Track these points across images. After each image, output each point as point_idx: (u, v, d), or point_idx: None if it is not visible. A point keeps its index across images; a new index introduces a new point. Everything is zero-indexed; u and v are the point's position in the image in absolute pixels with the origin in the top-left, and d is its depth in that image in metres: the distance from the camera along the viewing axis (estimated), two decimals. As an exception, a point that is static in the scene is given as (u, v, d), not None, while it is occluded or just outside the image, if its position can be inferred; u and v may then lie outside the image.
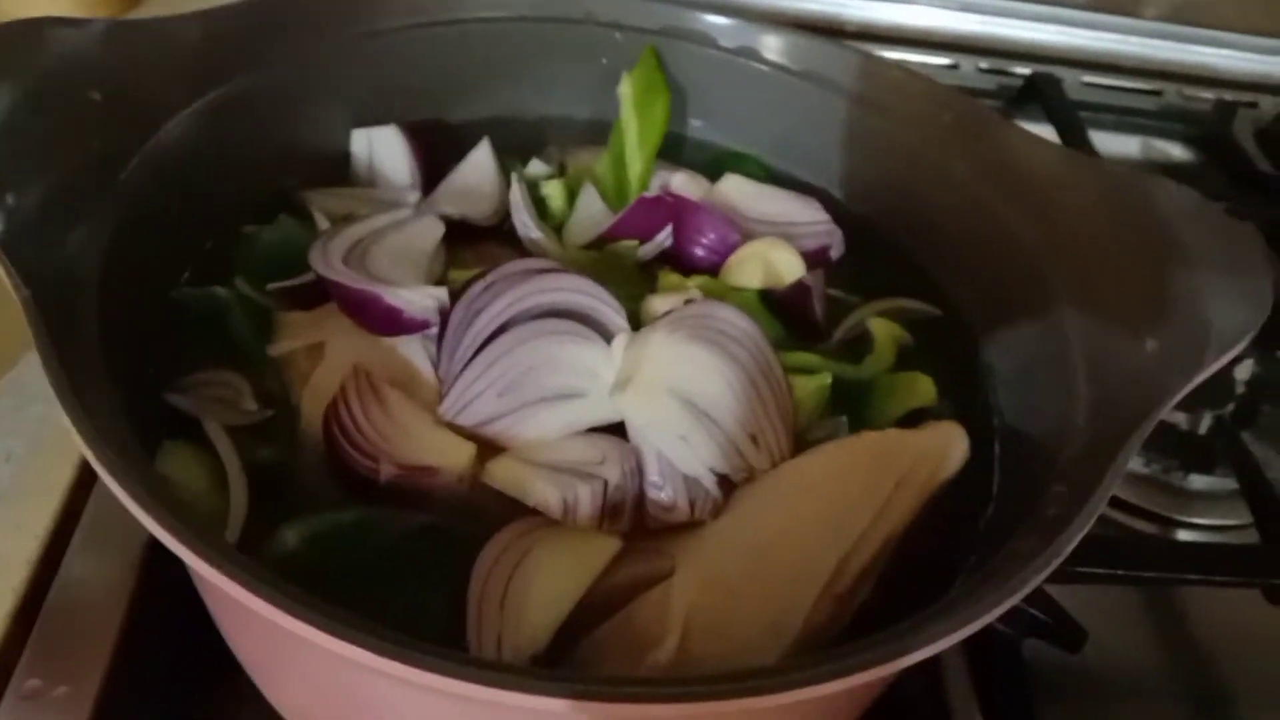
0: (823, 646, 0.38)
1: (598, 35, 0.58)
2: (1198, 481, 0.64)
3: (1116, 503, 0.63)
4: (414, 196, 0.52)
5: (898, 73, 0.56)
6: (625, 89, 0.56)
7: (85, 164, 0.40)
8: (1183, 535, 0.63)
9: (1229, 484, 0.62)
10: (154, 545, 0.40)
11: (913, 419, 0.46)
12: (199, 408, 0.41)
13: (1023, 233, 0.50)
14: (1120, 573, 0.54)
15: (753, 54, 0.58)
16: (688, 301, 0.45)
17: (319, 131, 0.53)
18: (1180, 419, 0.68)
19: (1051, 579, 0.34)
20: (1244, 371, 0.72)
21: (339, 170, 0.54)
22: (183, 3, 0.79)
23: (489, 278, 0.42)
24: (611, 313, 0.43)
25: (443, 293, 0.42)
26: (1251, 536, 0.59)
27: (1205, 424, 0.68)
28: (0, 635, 0.45)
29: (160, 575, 0.46)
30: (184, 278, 0.46)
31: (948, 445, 0.44)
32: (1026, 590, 0.32)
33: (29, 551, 0.48)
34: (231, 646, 0.41)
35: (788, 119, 0.58)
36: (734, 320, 0.43)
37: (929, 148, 0.54)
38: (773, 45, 0.57)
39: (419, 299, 0.42)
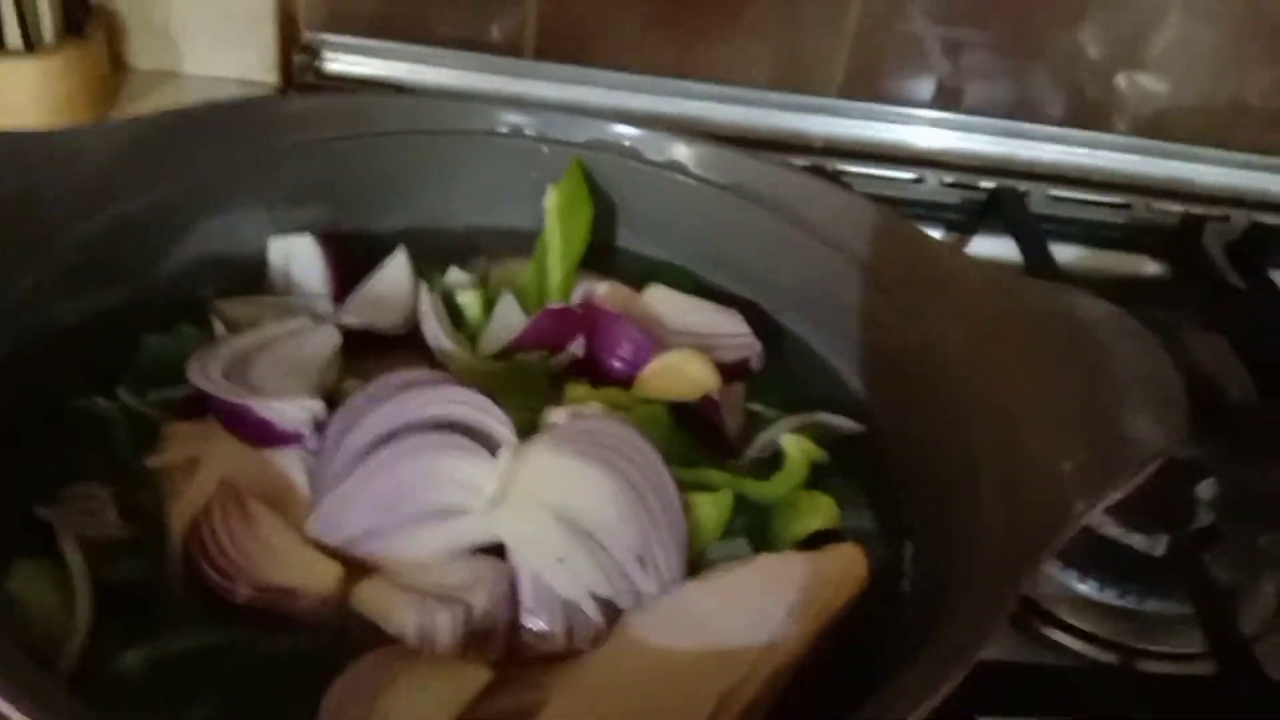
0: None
1: (525, 148, 0.58)
2: (1155, 606, 0.61)
3: (1074, 631, 0.60)
4: (327, 305, 0.52)
5: (820, 186, 0.55)
6: (550, 200, 0.56)
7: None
8: (1144, 665, 0.59)
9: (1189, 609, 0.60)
10: None
11: (817, 540, 0.44)
12: (62, 521, 0.39)
13: (944, 346, 0.48)
14: (1084, 705, 0.51)
15: (679, 167, 0.57)
16: (576, 416, 0.43)
17: (234, 240, 0.53)
18: (1137, 541, 0.65)
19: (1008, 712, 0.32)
20: (1206, 491, 0.69)
21: (255, 278, 0.53)
22: (158, 102, 0.82)
23: (370, 388, 0.41)
24: (500, 426, 0.42)
25: (318, 405, 0.41)
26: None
27: (1162, 546, 0.65)
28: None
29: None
30: (78, 389, 0.45)
31: (847, 569, 0.42)
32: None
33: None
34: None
35: (715, 231, 0.58)
36: (623, 435, 0.42)
37: (851, 261, 0.53)
38: (697, 159, 0.57)
39: (291, 410, 0.41)
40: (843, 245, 0.54)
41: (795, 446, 0.48)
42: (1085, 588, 0.62)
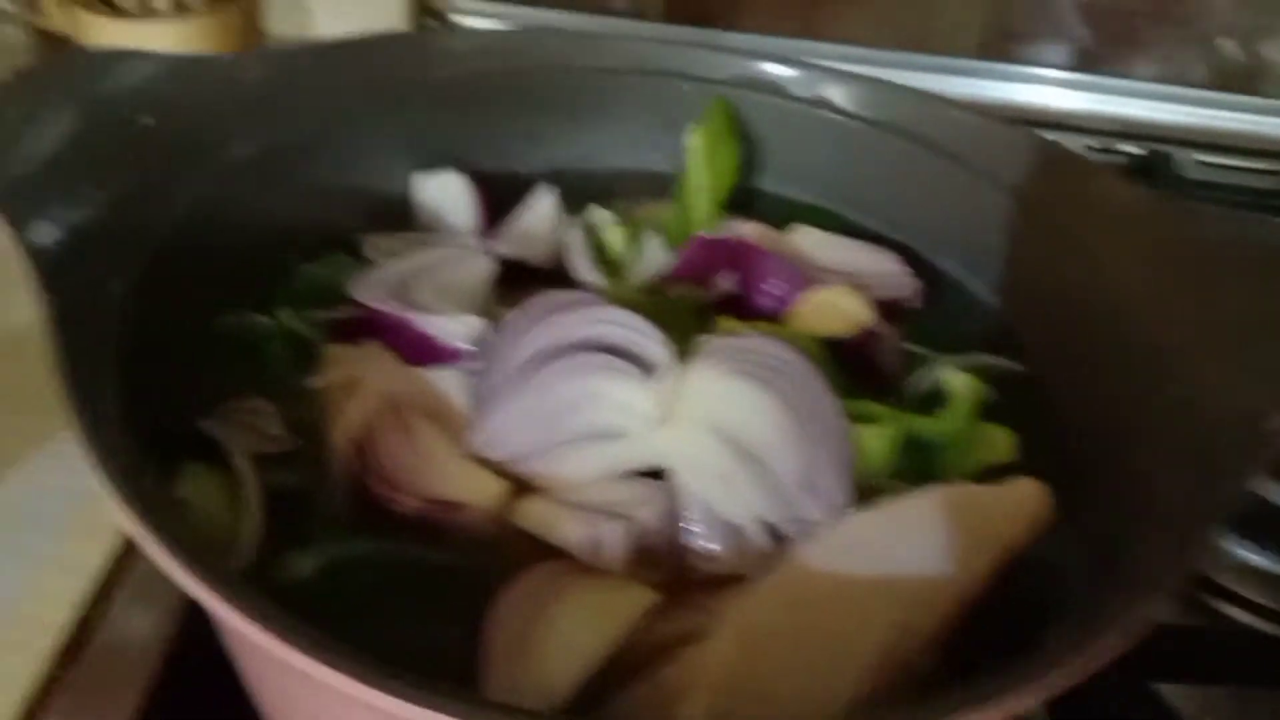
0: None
1: (669, 86, 0.57)
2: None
3: (1246, 604, 0.56)
4: (474, 241, 0.52)
5: (976, 120, 0.53)
6: (693, 141, 0.55)
7: (135, 189, 0.41)
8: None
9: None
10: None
11: (990, 476, 0.42)
12: (227, 433, 0.40)
13: (1112, 280, 0.45)
14: (1254, 678, 0.48)
15: (826, 104, 0.56)
16: (736, 335, 0.42)
17: (381, 176, 0.53)
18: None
19: (1177, 679, 0.29)
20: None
21: (401, 215, 0.53)
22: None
23: (528, 307, 0.41)
24: (657, 347, 0.41)
25: (477, 321, 0.41)
26: None
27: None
28: (40, 673, 0.44)
29: (199, 628, 0.45)
30: (231, 308, 0.45)
31: (1028, 503, 0.39)
32: (1097, 664, 0.28)
33: (76, 592, 0.47)
34: (257, 701, 0.39)
35: (864, 170, 0.56)
36: (787, 356, 0.40)
37: (1014, 196, 0.51)
38: (846, 94, 0.55)
39: (452, 326, 0.40)
40: (1002, 180, 0.51)
41: (961, 383, 0.46)
42: (1255, 558, 0.58)
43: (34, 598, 0.46)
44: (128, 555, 0.49)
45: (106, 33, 0.77)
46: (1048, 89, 0.93)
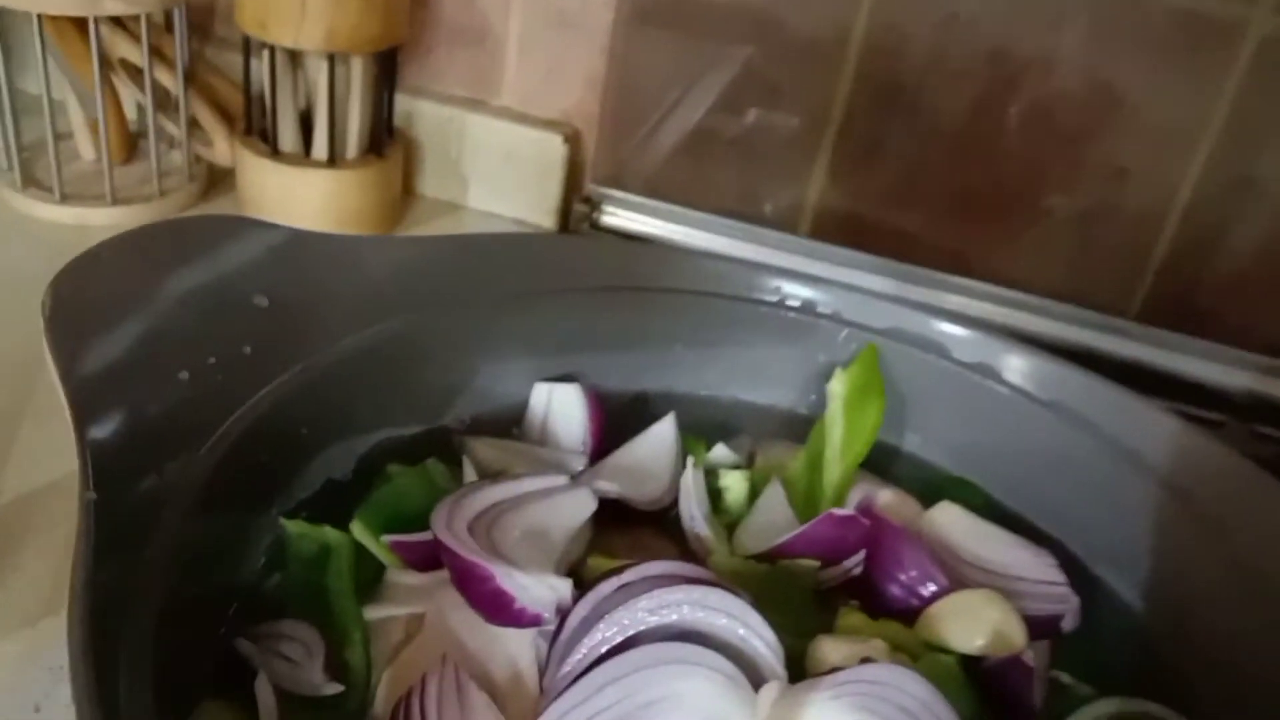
0: None
1: (816, 326, 0.52)
2: None
3: None
4: (580, 462, 0.47)
5: (1167, 421, 0.46)
6: (836, 385, 0.50)
7: (233, 367, 0.37)
8: None
9: None
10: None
11: None
12: (263, 661, 0.34)
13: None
14: None
15: (991, 372, 0.50)
16: (864, 661, 0.35)
17: (495, 378, 0.49)
18: None
19: None
20: None
21: (509, 422, 0.49)
22: (439, 229, 0.83)
23: (625, 575, 0.35)
24: (766, 650, 0.35)
25: (566, 587, 0.35)
26: None
27: None
28: None
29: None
30: (303, 511, 0.41)
31: None
32: None
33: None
34: None
35: (1025, 452, 0.49)
36: (925, 698, 0.33)
37: (1197, 520, 0.44)
38: (1016, 366, 0.50)
39: (536, 589, 0.35)
40: (1189, 498, 0.44)
41: (1123, 746, 0.38)
42: None
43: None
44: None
45: (264, 173, 0.78)
46: (1214, 365, 0.85)
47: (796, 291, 0.53)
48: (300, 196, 0.78)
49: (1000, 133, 0.80)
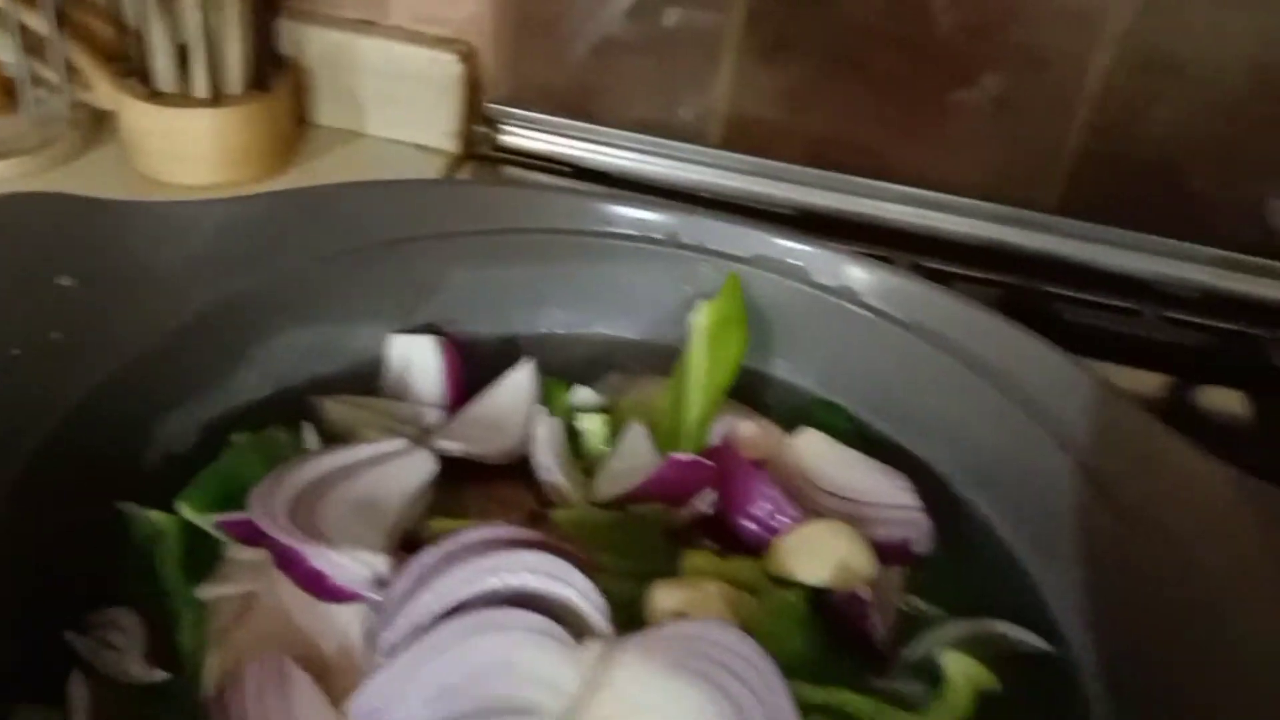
0: None
1: (679, 257, 0.51)
2: None
3: None
4: (436, 416, 0.46)
5: (1029, 344, 0.45)
6: (698, 319, 0.49)
7: (41, 355, 0.36)
8: None
9: None
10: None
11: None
12: (91, 654, 0.34)
13: (1181, 567, 0.38)
14: None
15: (851, 295, 0.49)
16: (679, 618, 0.35)
17: (350, 335, 0.48)
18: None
19: None
20: None
21: (367, 377, 0.48)
22: (331, 171, 0.80)
23: (446, 544, 0.35)
24: (591, 608, 0.35)
25: (381, 562, 0.35)
26: None
27: None
28: None
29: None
30: (140, 493, 0.40)
31: None
32: None
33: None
34: None
35: (888, 372, 0.49)
36: (739, 649, 0.33)
37: (1059, 442, 0.44)
38: (875, 287, 0.49)
39: (350, 566, 0.35)
40: (1050, 420, 0.44)
41: (960, 670, 0.38)
42: None
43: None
44: None
45: (145, 115, 0.75)
46: (1130, 254, 0.85)
47: (658, 222, 0.51)
48: (183, 138, 0.76)
49: (909, 24, 0.78)
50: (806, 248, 0.50)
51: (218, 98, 0.76)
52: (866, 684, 0.38)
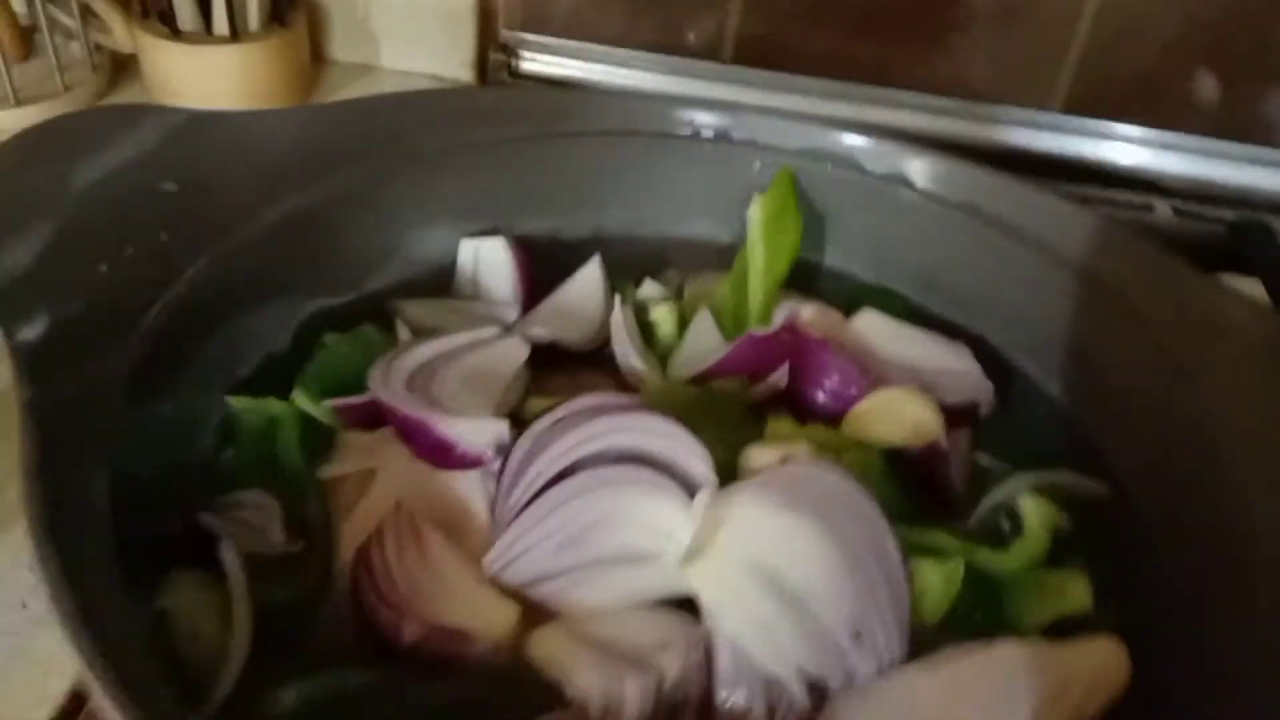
0: None
1: (731, 154, 0.53)
2: None
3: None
4: (514, 314, 0.48)
5: (1070, 210, 0.48)
6: (754, 212, 0.51)
7: (151, 255, 0.38)
8: None
9: None
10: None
11: (1061, 626, 0.37)
12: (226, 532, 0.36)
13: (1214, 400, 0.41)
14: None
15: (901, 180, 0.51)
16: (786, 458, 0.38)
17: (420, 239, 0.50)
18: None
19: None
20: None
21: (441, 281, 0.50)
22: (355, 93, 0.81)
23: (558, 412, 0.37)
24: (698, 462, 0.37)
25: (503, 428, 0.37)
26: None
27: None
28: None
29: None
30: (246, 385, 0.42)
31: (1105, 667, 0.35)
32: None
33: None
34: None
35: (939, 253, 0.51)
36: (843, 487, 0.36)
37: (1106, 298, 0.46)
38: (924, 171, 0.51)
39: (474, 433, 0.37)
40: (1094, 278, 0.47)
41: (1035, 511, 0.41)
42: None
43: (32, 663, 0.44)
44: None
45: (167, 55, 0.75)
46: (1139, 149, 0.87)
47: (709, 121, 0.53)
48: (206, 76, 0.76)
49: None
50: (856, 137, 0.51)
51: (237, 35, 0.76)
52: (951, 528, 0.40)
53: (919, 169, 0.51)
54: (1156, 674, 0.36)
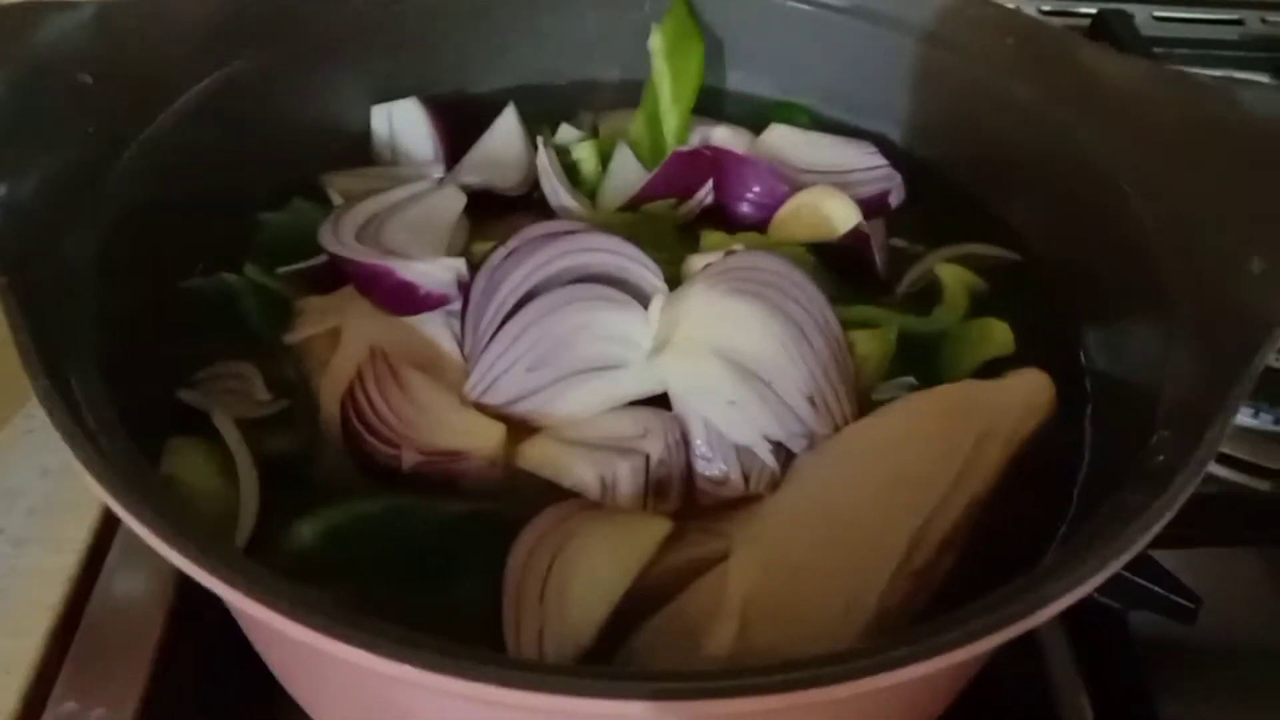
0: (901, 627, 0.33)
1: (622, -13, 0.54)
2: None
3: (1225, 459, 0.57)
4: (438, 171, 0.49)
5: (955, 0, 0.51)
6: (656, 42, 0.52)
7: (80, 151, 0.38)
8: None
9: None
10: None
11: (991, 370, 0.41)
12: (210, 401, 0.38)
13: (1102, 157, 0.44)
14: (1236, 535, 0.48)
15: (789, -8, 0.53)
16: (729, 254, 0.40)
17: (335, 110, 0.50)
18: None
19: (1158, 544, 0.29)
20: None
21: (360, 150, 0.51)
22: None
23: (510, 244, 0.39)
24: (647, 273, 0.39)
25: (460, 263, 0.39)
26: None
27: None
28: (39, 654, 0.43)
29: (198, 589, 0.43)
30: (195, 269, 0.43)
31: (1032, 394, 0.39)
32: (1137, 548, 0.28)
33: (68, 567, 0.46)
34: (266, 661, 0.38)
35: (836, 61, 0.54)
36: (782, 270, 0.39)
37: (994, 77, 0.49)
38: (810, -20, 0.53)
39: (435, 271, 0.38)
40: (982, 60, 0.50)
41: (953, 276, 0.45)
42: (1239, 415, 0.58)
43: (24, 579, 0.45)
44: (116, 527, 0.47)
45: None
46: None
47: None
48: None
49: None
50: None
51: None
52: (879, 303, 0.44)
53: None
54: (1083, 397, 0.40)
